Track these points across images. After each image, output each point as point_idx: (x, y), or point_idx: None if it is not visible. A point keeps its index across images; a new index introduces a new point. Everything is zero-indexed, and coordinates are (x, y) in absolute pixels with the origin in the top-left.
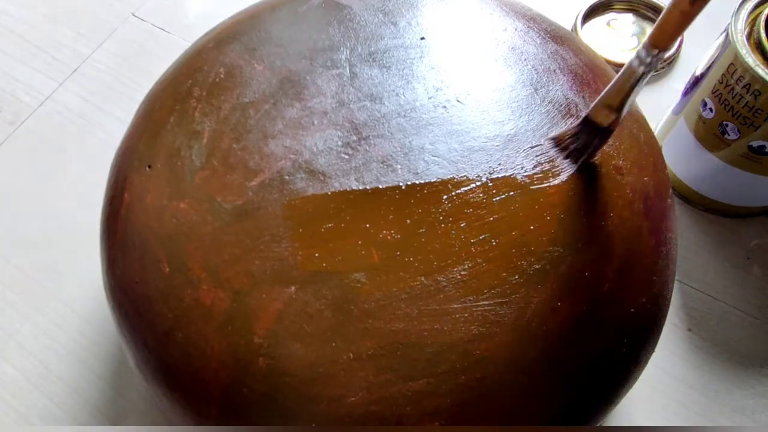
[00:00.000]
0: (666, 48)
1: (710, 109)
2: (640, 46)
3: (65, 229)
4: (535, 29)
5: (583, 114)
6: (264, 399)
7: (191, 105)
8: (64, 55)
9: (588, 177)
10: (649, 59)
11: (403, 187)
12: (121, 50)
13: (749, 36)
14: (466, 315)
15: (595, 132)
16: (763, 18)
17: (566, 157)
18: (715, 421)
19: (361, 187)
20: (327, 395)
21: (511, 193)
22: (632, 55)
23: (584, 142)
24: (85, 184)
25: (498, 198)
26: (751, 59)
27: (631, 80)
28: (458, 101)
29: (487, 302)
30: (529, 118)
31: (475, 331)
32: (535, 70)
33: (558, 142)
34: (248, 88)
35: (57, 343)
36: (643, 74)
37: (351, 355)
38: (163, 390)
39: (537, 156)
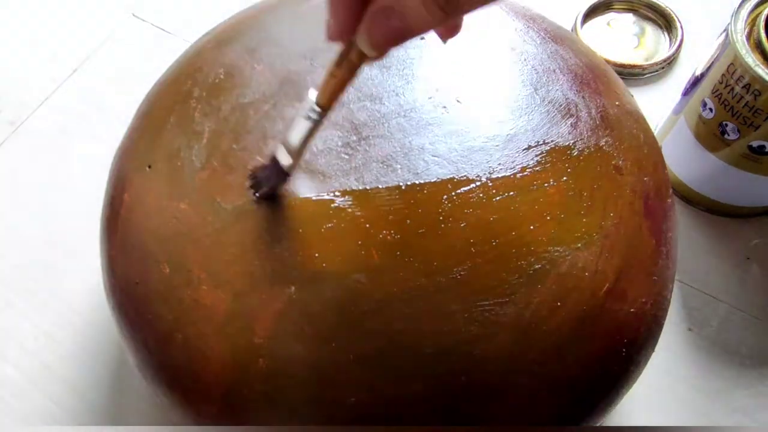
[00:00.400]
0: (328, 107)
1: (710, 109)
2: (310, 101)
3: (65, 229)
4: (535, 29)
5: (583, 113)
6: (264, 399)
7: (191, 105)
8: (64, 55)
9: (588, 177)
10: (315, 116)
11: (403, 187)
12: (121, 50)
13: (749, 36)
14: (466, 315)
15: (278, 170)
16: (763, 18)
17: (251, 187)
18: (715, 421)
19: (361, 187)
20: (327, 395)
21: (511, 193)
22: (634, 55)
23: (267, 177)
24: (85, 184)
25: (498, 198)
26: (751, 59)
27: (303, 133)
28: (458, 101)
29: (487, 302)
30: (529, 118)
31: (475, 331)
32: (535, 70)
33: (252, 172)
34: (248, 89)
35: (57, 343)
36: (312, 129)
37: (351, 355)
38: (163, 390)
39: (537, 156)
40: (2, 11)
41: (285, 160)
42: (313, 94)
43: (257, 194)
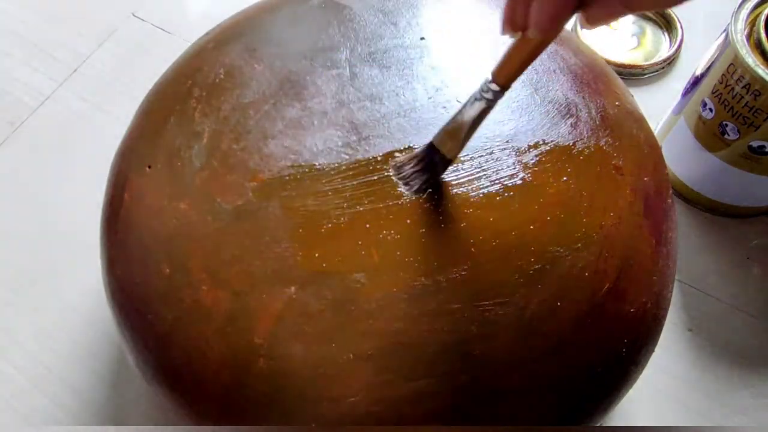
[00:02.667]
0: (506, 86)
1: (710, 109)
2: (484, 82)
3: (65, 229)
4: None
5: (583, 113)
6: (264, 399)
7: (191, 105)
8: (64, 55)
9: (588, 177)
10: (490, 95)
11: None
12: (121, 50)
13: (749, 36)
14: (466, 315)
15: (437, 160)
16: (763, 18)
17: (404, 181)
18: (715, 421)
19: (360, 188)
20: (327, 395)
21: (511, 193)
22: (634, 55)
23: (424, 167)
24: (85, 184)
25: (498, 198)
26: (751, 59)
27: (472, 114)
28: (458, 101)
29: (487, 302)
30: (529, 118)
31: (475, 331)
32: (535, 70)
33: (398, 165)
34: (248, 89)
35: (57, 343)
36: (484, 110)
37: (351, 355)
38: (163, 390)
39: (537, 156)
40: (2, 11)
41: (447, 147)
42: (485, 85)
43: (412, 188)
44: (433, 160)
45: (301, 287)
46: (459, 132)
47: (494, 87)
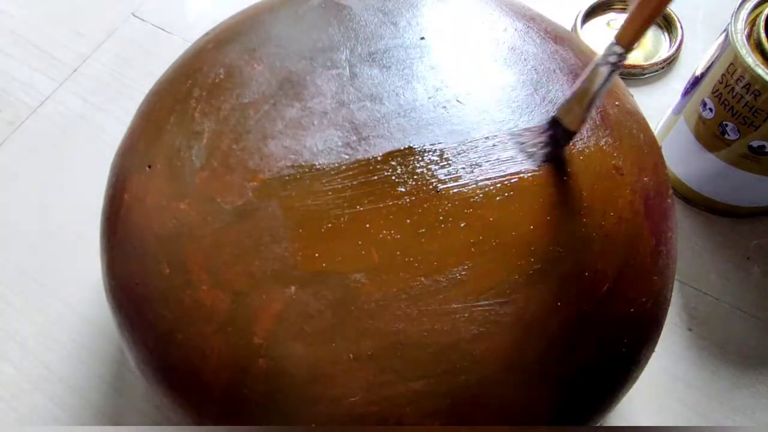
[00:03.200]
0: (630, 47)
1: (710, 109)
2: (607, 47)
3: (65, 228)
4: (535, 29)
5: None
6: (264, 399)
7: (191, 105)
8: (64, 55)
9: (588, 177)
10: (614, 59)
11: (403, 188)
12: (121, 50)
13: (749, 36)
14: (466, 315)
15: (561, 133)
16: (763, 18)
17: (528, 156)
18: (715, 421)
19: (360, 188)
20: (327, 395)
21: (511, 193)
22: (634, 55)
23: (547, 140)
24: (85, 184)
25: (498, 198)
26: (751, 59)
27: (597, 80)
28: (458, 101)
29: (487, 302)
30: (529, 118)
31: (475, 331)
32: (535, 70)
33: (521, 139)
34: (248, 89)
35: (57, 343)
36: (610, 74)
37: (351, 355)
38: (163, 390)
39: (537, 156)
40: (2, 11)
41: (570, 118)
42: (611, 39)
43: (536, 161)
44: (555, 134)
45: (301, 287)
46: (583, 101)
47: (618, 50)
